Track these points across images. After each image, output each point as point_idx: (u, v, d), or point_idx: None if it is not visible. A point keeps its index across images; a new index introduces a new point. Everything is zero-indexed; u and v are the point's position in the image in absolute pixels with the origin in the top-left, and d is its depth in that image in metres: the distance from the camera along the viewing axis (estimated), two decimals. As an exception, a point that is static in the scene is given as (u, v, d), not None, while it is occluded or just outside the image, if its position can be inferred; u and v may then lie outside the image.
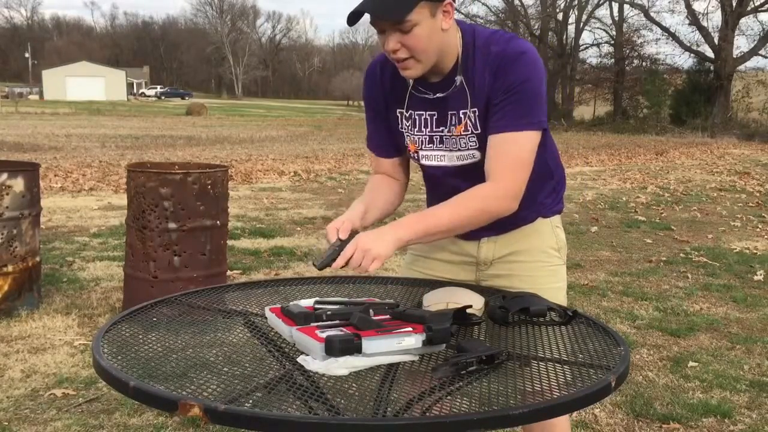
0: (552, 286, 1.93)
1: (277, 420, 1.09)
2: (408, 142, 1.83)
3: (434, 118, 1.77)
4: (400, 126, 1.83)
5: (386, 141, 1.91)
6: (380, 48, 1.76)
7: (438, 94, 1.75)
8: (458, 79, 1.72)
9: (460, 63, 1.71)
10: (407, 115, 1.81)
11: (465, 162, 1.79)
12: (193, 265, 4.04)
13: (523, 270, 1.91)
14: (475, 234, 1.86)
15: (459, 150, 1.78)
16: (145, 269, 4.03)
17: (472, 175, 1.77)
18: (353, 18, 1.60)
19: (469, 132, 1.74)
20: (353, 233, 1.65)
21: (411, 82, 1.76)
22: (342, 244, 1.61)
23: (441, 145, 1.79)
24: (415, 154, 1.84)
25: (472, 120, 1.73)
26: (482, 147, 1.75)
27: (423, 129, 1.79)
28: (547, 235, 1.94)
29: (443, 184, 1.86)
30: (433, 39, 1.63)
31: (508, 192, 1.69)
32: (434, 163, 1.82)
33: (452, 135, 1.76)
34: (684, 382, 3.49)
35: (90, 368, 3.42)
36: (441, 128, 1.77)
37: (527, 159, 1.70)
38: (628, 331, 4.25)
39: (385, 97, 1.83)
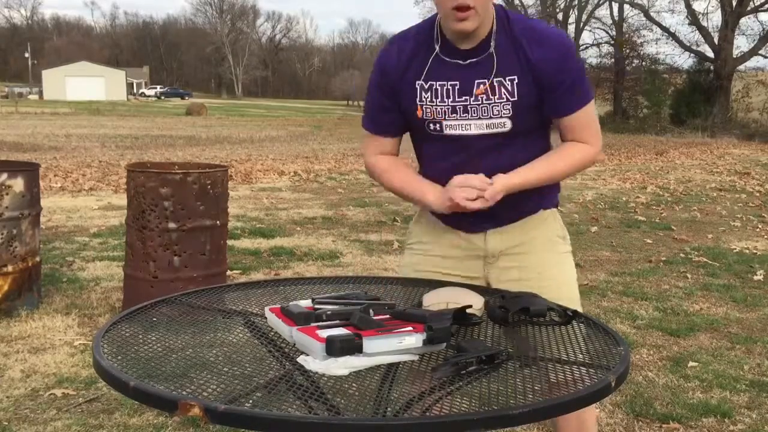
0: (561, 274, 1.95)
1: (277, 420, 1.09)
2: (428, 113, 1.82)
3: (456, 87, 1.78)
4: (417, 99, 1.82)
5: (395, 120, 1.90)
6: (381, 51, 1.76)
7: (470, 60, 1.76)
8: (493, 43, 1.74)
9: (495, 31, 1.74)
10: (426, 86, 1.80)
11: (494, 131, 1.79)
12: (193, 265, 4.04)
13: (533, 261, 1.92)
14: (479, 225, 1.88)
15: (490, 118, 1.78)
16: (145, 269, 4.03)
17: (494, 145, 1.80)
18: None
19: (504, 99, 1.75)
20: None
21: (434, 53, 1.78)
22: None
23: (465, 114, 1.79)
24: (438, 126, 1.83)
25: (509, 88, 1.75)
26: (515, 115, 1.77)
27: (445, 99, 1.79)
28: (551, 223, 1.97)
29: (453, 157, 1.84)
30: None
31: (600, 150, 1.91)
32: (459, 132, 1.81)
33: (481, 103, 1.77)
34: (684, 382, 3.49)
35: (90, 368, 3.42)
36: (464, 97, 1.77)
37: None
38: (628, 331, 4.25)
39: (403, 74, 1.82)
